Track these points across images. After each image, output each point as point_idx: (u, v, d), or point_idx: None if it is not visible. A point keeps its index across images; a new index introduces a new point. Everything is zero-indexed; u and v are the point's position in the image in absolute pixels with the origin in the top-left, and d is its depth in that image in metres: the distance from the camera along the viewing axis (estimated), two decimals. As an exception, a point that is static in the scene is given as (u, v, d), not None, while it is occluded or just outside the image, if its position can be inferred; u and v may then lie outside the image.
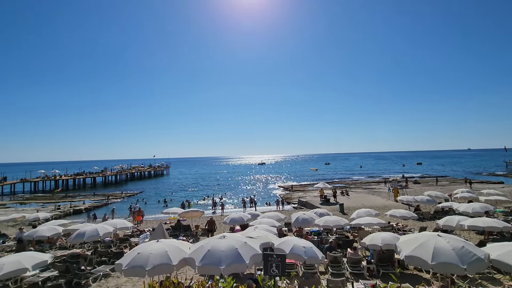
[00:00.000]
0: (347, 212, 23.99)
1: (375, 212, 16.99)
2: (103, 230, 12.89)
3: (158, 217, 27.75)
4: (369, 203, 27.59)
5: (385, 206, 25.34)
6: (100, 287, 10.25)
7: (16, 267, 7.86)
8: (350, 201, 29.17)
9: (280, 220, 16.47)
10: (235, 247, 6.84)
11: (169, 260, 6.82)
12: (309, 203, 29.74)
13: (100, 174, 69.25)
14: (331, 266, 10.35)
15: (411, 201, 22.24)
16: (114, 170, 75.93)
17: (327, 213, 17.15)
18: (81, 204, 36.30)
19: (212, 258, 6.58)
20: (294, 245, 8.63)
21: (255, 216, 17.88)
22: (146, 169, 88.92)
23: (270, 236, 9.89)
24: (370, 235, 11.16)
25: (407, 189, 35.45)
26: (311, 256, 8.40)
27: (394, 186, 31.31)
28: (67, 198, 42.86)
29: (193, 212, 19.55)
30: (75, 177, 63.97)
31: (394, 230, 15.98)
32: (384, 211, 20.46)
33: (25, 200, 42.83)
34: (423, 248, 7.20)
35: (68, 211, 30.98)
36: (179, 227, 18.82)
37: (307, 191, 44.91)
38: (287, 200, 36.10)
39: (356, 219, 15.54)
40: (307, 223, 15.09)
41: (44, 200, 41.91)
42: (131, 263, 6.77)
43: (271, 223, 14.31)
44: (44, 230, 14.03)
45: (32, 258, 8.44)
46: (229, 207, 34.10)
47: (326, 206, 25.45)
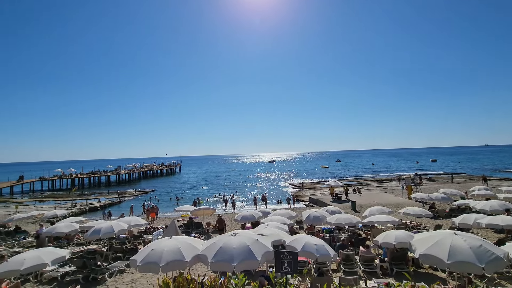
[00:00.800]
0: (359, 210, 23.70)
1: (388, 210, 16.72)
2: (118, 227, 13.20)
3: (170, 214, 28.18)
4: (381, 201, 27.16)
5: (398, 204, 24.89)
6: (115, 282, 10.52)
7: (37, 262, 8.15)
8: (362, 199, 28.79)
9: (291, 217, 16.43)
10: (246, 244, 6.88)
11: (182, 257, 6.93)
12: (320, 200, 29.54)
13: (114, 173, 70.83)
14: (343, 264, 10.28)
15: (426, 198, 21.75)
16: (128, 168, 77.56)
17: (338, 211, 17.01)
18: (97, 202, 37.28)
19: (224, 255, 6.64)
20: (305, 243, 8.61)
21: (266, 214, 17.89)
22: (158, 167, 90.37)
23: (282, 234, 9.90)
24: (383, 233, 11.00)
25: (421, 187, 34.67)
26: (323, 254, 8.36)
27: (408, 184, 30.69)
28: (83, 196, 44.10)
29: (205, 210, 19.76)
30: (90, 175, 65.72)
31: (408, 228, 15.69)
32: (398, 209, 20.11)
33: (44, 198, 44.31)
34: (439, 247, 7.04)
35: (84, 208, 31.88)
36: (191, 224, 19.08)
37: (318, 188, 44.60)
38: (298, 198, 35.97)
39: (368, 217, 15.34)
40: (319, 221, 14.99)
41: (61, 198, 43.26)
42: (146, 259, 6.92)
43: (282, 220, 14.28)
44: (62, 227, 14.48)
45: (51, 254, 8.73)
46: (240, 205, 34.27)
47: (337, 204, 25.25)
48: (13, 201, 42.07)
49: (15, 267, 7.90)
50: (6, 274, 7.98)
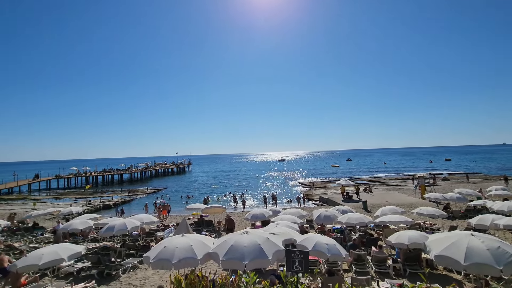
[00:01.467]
0: (370, 209, 23.37)
1: (401, 210, 16.42)
2: (131, 224, 13.47)
3: (181, 212, 28.52)
4: (394, 200, 26.70)
5: (411, 204, 24.41)
6: (129, 278, 10.74)
7: (54, 257, 8.41)
8: (374, 198, 28.37)
9: (302, 217, 16.34)
10: (257, 243, 6.89)
11: (194, 254, 7.01)
12: (331, 200, 29.27)
13: (127, 171, 72.23)
14: (355, 264, 10.16)
15: (440, 198, 21.24)
16: (140, 167, 78.92)
17: (350, 210, 16.82)
18: (110, 199, 38.09)
19: (235, 253, 6.68)
20: (316, 242, 8.55)
21: (276, 213, 17.87)
22: (169, 166, 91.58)
23: (292, 233, 9.86)
24: (396, 233, 10.81)
25: (434, 187, 33.87)
26: (334, 254, 8.29)
27: (421, 183, 30.01)
28: (97, 194, 45.18)
29: (215, 208, 19.89)
30: (103, 173, 67.27)
31: (421, 228, 15.36)
32: (411, 209, 19.72)
33: (60, 196, 45.65)
34: (455, 248, 6.87)
35: (98, 206, 32.64)
36: (202, 222, 19.26)
37: (329, 188, 44.21)
38: (308, 197, 35.75)
39: (380, 216, 15.10)
40: (330, 220, 14.87)
41: (76, 196, 44.46)
42: (158, 256, 7.03)
43: (293, 219, 14.23)
44: (77, 223, 14.89)
45: (68, 250, 8.99)
46: (250, 204, 34.35)
47: (348, 203, 24.97)
48: (30, 198, 43.51)
49: (34, 262, 8.18)
50: (26, 268, 8.26)
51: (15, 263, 8.31)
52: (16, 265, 8.15)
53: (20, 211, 29.45)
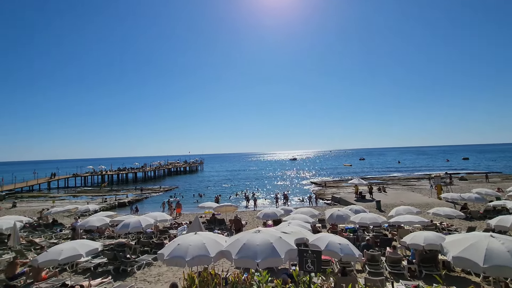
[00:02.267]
0: (384, 209, 22.95)
1: (416, 210, 16.03)
2: (145, 222, 13.75)
3: (193, 210, 28.86)
4: (408, 200, 26.12)
5: (427, 204, 23.82)
6: (144, 274, 10.98)
7: (73, 253, 8.68)
8: (388, 198, 27.84)
9: (314, 216, 16.23)
10: (270, 242, 6.89)
11: (207, 252, 7.07)
12: (344, 199, 28.93)
13: (140, 170, 73.72)
14: (368, 265, 10.01)
15: (457, 198, 20.60)
16: (153, 166, 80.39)
17: (363, 210, 16.57)
18: (125, 197, 38.99)
19: (248, 252, 6.70)
20: (329, 242, 8.47)
21: (288, 212, 17.81)
22: (182, 164, 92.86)
23: (304, 232, 9.80)
24: (411, 234, 10.57)
25: (451, 186, 32.89)
26: (347, 254, 8.18)
27: (437, 183, 29.20)
28: (112, 192, 46.33)
29: (227, 207, 20.03)
30: (118, 172, 68.95)
31: (437, 229, 14.97)
32: (426, 209, 19.25)
33: (77, 193, 47.09)
34: (473, 250, 6.65)
35: (113, 203, 33.47)
36: (214, 220, 19.43)
37: (341, 187, 43.69)
38: (320, 196, 35.45)
39: (395, 216, 14.81)
40: (342, 220, 14.68)
41: (93, 193, 45.73)
42: (172, 254, 7.14)
43: (305, 219, 14.14)
44: (94, 220, 15.31)
45: (86, 246, 9.26)
46: (261, 203, 34.40)
47: (361, 203, 24.59)
48: (50, 195, 45.09)
49: (53, 257, 8.47)
50: (46, 263, 8.58)
51: (37, 258, 8.63)
52: (37, 260, 8.47)
53: (39, 208, 30.60)
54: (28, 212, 27.67)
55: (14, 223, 13.55)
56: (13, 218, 14.82)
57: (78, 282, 9.30)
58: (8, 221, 14.25)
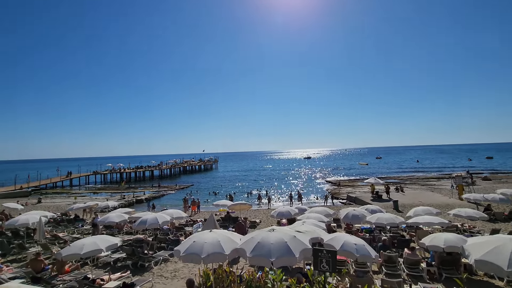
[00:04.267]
0: (402, 209, 22.37)
1: (436, 210, 15.51)
2: (162, 218, 14.07)
3: (208, 208, 29.24)
4: (428, 200, 25.32)
5: (448, 205, 23.01)
6: (160, 270, 11.26)
7: (94, 248, 9.03)
8: (406, 198, 27.10)
9: (329, 215, 16.05)
10: (284, 241, 6.88)
11: (222, 250, 7.16)
12: (359, 199, 28.42)
13: (157, 168, 75.41)
14: (385, 266, 9.80)
15: (480, 199, 19.76)
16: (169, 164, 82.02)
17: (379, 210, 16.21)
18: (142, 194, 40.03)
19: (262, 250, 6.72)
20: (345, 242, 8.36)
21: (302, 211, 17.71)
22: (197, 163, 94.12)
23: (319, 231, 9.72)
24: (430, 235, 10.26)
25: (474, 186, 31.56)
26: (363, 254, 8.05)
27: (459, 183, 28.12)
28: (130, 189, 47.69)
29: (242, 205, 20.15)
30: (136, 170, 70.88)
31: (459, 231, 14.45)
32: (447, 210, 18.59)
33: (97, 190, 48.80)
34: (497, 253, 6.37)
35: (131, 200, 34.47)
36: (228, 218, 19.62)
37: (357, 186, 42.92)
38: (335, 195, 34.98)
39: (413, 217, 14.39)
40: (358, 220, 14.42)
41: (112, 190, 47.25)
42: (188, 250, 7.28)
43: (319, 218, 14.02)
44: (113, 216, 15.82)
45: (106, 241, 9.60)
46: (275, 201, 34.37)
47: (378, 203, 24.05)
48: (72, 192, 46.98)
49: (76, 251, 8.84)
50: (69, 257, 8.97)
51: (61, 252, 9.04)
52: (61, 254, 8.87)
53: (63, 204, 31.96)
54: (52, 207, 28.94)
55: (39, 218, 14.23)
56: (38, 213, 15.55)
57: (99, 276, 9.67)
58: (34, 216, 14.98)
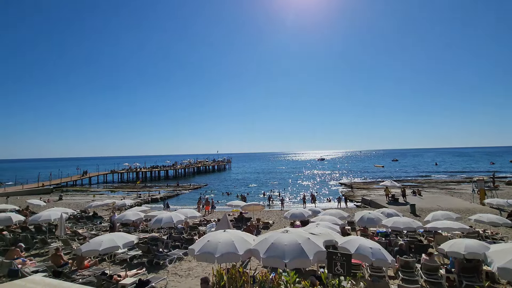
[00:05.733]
0: (419, 214, 21.73)
1: (456, 215, 14.94)
2: (177, 217, 14.31)
3: (221, 208, 29.45)
4: (447, 205, 24.46)
5: (468, 210, 22.15)
6: (175, 268, 11.45)
7: (112, 244, 9.30)
8: (423, 202, 26.31)
9: (343, 218, 15.82)
10: (298, 242, 6.85)
11: (236, 250, 7.21)
12: (374, 202, 27.83)
13: (172, 168, 76.75)
14: (402, 271, 9.56)
15: (504, 204, 18.88)
16: (183, 164, 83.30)
17: (396, 213, 15.80)
18: (157, 193, 40.83)
19: (276, 251, 6.72)
20: (360, 245, 8.21)
21: (316, 213, 17.54)
22: (210, 163, 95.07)
23: (333, 234, 9.60)
24: (450, 241, 9.91)
25: (497, 191, 30.22)
26: (379, 258, 7.88)
27: (480, 187, 27.01)
28: (145, 188, 48.75)
29: (255, 206, 20.18)
30: (151, 169, 72.43)
31: (480, 237, 13.88)
32: (467, 215, 17.93)
33: (114, 189, 50.18)
34: (522, 261, 6.10)
35: (147, 199, 35.22)
36: (241, 219, 19.70)
37: (372, 189, 42.03)
38: (350, 198, 34.41)
39: (431, 222, 13.92)
40: (373, 223, 14.11)
41: (128, 189, 48.45)
42: (202, 250, 7.37)
43: (333, 220, 13.83)
44: (130, 215, 16.23)
45: (123, 238, 9.87)
46: (288, 203, 34.20)
47: (394, 206, 23.47)
48: (90, 190, 48.55)
49: (95, 247, 9.14)
50: (88, 253, 9.28)
51: (80, 248, 9.37)
52: (81, 249, 9.20)
53: (82, 201, 33.08)
54: (72, 204, 30.03)
55: (61, 214, 14.82)
56: (60, 210, 16.20)
57: (116, 272, 9.95)
58: (56, 212, 15.61)
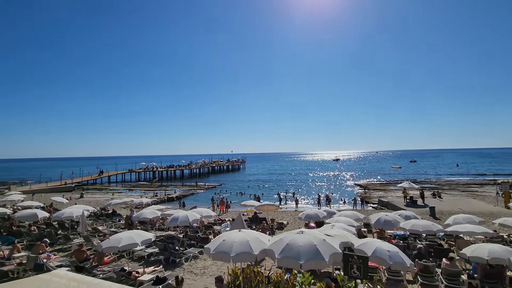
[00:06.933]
0: (439, 217, 21.04)
1: (479, 219, 14.36)
2: (192, 216, 14.57)
3: (235, 208, 29.63)
4: (469, 208, 23.53)
5: (492, 213, 21.23)
6: (190, 266, 11.66)
7: (130, 242, 9.60)
8: (443, 205, 25.43)
9: (359, 220, 15.56)
10: (313, 244, 6.82)
11: (251, 250, 7.26)
12: (391, 203, 27.17)
13: (187, 167, 78.01)
14: (421, 276, 9.30)
15: (531, 209, 17.99)
16: (198, 163, 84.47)
17: (414, 216, 15.39)
18: (173, 192, 41.62)
19: (291, 252, 6.72)
20: (377, 248, 8.06)
21: (331, 214, 17.35)
22: (225, 163, 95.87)
23: (349, 236, 9.48)
24: (472, 245, 9.55)
25: (524, 194, 28.73)
26: (397, 262, 7.71)
27: (505, 190, 25.79)
28: (161, 187, 49.80)
29: (269, 206, 20.21)
30: (167, 169, 73.98)
31: (505, 242, 13.26)
32: (491, 219, 17.21)
33: (132, 187, 51.57)
34: (551, 268, 5.80)
35: (163, 198, 35.98)
36: (255, 219, 19.77)
37: (389, 190, 41.02)
38: (366, 199, 33.74)
39: (452, 225, 13.45)
40: (390, 226, 13.78)
41: (145, 188, 49.66)
42: (218, 249, 7.48)
43: (349, 222, 13.63)
44: (147, 213, 16.65)
45: (141, 236, 10.16)
46: (303, 203, 33.98)
47: (412, 208, 22.84)
48: (109, 188, 50.12)
49: (114, 244, 9.46)
50: (108, 249, 9.62)
51: (101, 244, 9.73)
52: (102, 246, 9.55)
53: (102, 199, 34.21)
54: (92, 202, 31.08)
55: (82, 211, 15.42)
56: (81, 208, 16.84)
57: (135, 269, 10.25)
58: (77, 209, 16.26)
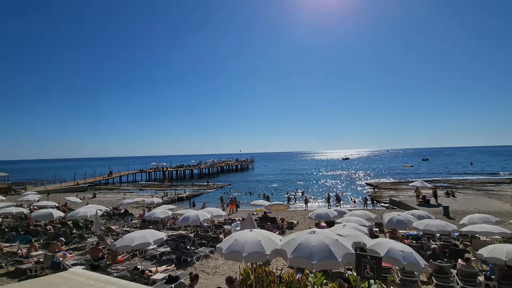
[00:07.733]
0: (453, 216, 20.58)
1: (495, 219, 13.98)
2: (203, 216, 14.69)
3: (244, 208, 29.69)
4: (484, 207, 22.93)
5: (509, 213, 20.65)
6: (202, 265, 11.76)
7: (143, 241, 9.75)
8: (458, 204, 24.86)
9: (370, 219, 15.37)
10: (326, 243, 6.76)
11: (263, 249, 7.26)
12: (403, 203, 26.73)
13: (196, 167, 78.66)
14: (435, 277, 9.12)
15: (551, 208, 17.40)
16: (207, 163, 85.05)
17: (427, 215, 15.08)
18: (183, 192, 42.04)
19: (303, 252, 6.68)
20: (390, 248, 7.93)
21: (341, 213, 17.19)
22: (234, 163, 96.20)
23: (361, 236, 9.36)
24: (489, 246, 9.31)
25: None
26: (411, 262, 7.57)
27: (523, 189, 25.03)
28: (172, 187, 50.35)
29: (279, 206, 20.18)
30: (177, 169, 74.83)
31: (524, 243, 12.86)
32: (508, 219, 16.73)
33: (143, 187, 52.34)
34: None
35: (173, 198, 36.39)
36: (265, 219, 19.76)
37: (400, 190, 40.34)
38: (377, 198, 33.29)
39: (467, 225, 13.14)
40: (403, 225, 13.54)
41: (156, 188, 50.32)
42: (230, 248, 7.51)
43: (360, 222, 13.47)
44: (159, 212, 16.88)
45: (153, 235, 10.30)
46: (312, 203, 33.79)
47: (425, 208, 22.42)
48: (121, 188, 51.00)
49: (128, 243, 9.62)
50: (122, 248, 9.80)
51: (115, 243, 9.91)
52: (115, 245, 9.72)
53: (114, 199, 34.86)
54: (105, 202, 31.72)
55: (96, 211, 15.75)
56: (95, 207, 17.20)
57: (147, 267, 10.40)
58: (91, 209, 16.62)
